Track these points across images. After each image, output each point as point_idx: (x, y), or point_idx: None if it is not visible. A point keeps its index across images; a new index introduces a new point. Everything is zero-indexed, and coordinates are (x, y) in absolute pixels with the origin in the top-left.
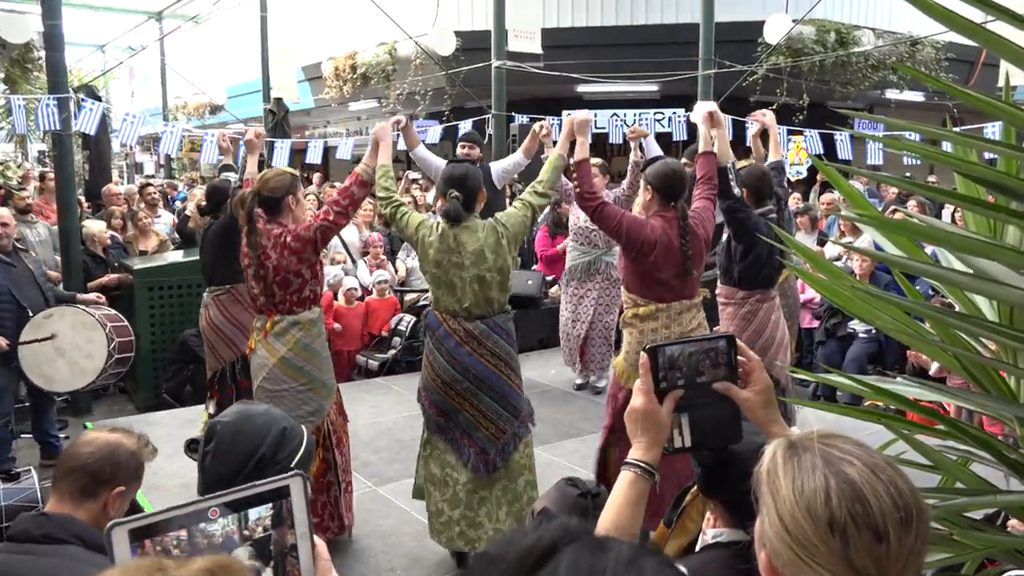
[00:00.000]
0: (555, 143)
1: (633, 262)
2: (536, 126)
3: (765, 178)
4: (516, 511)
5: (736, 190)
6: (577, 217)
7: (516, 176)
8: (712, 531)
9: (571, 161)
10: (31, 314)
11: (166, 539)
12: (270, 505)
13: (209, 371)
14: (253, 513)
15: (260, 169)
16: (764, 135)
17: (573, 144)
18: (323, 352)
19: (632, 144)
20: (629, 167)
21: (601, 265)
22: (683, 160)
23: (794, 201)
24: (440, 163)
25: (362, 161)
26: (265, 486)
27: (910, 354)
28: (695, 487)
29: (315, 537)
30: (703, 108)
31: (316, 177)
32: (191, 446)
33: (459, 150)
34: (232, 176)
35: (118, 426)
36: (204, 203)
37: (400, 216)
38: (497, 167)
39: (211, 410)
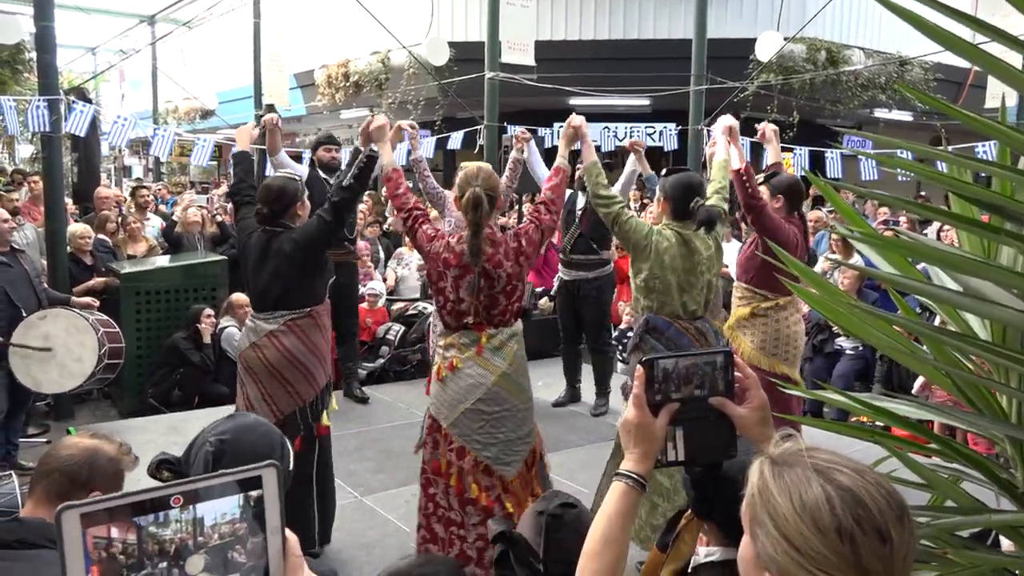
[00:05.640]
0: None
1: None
2: (405, 123)
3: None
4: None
5: None
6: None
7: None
8: (704, 550)
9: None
10: (24, 314)
11: (111, 543)
12: (226, 513)
13: (280, 412)
14: (209, 519)
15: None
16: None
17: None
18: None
19: (516, 147)
20: (508, 166)
21: None
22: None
23: None
24: (299, 168)
25: (559, 154)
26: (235, 475)
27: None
28: (689, 510)
29: (287, 531)
30: (724, 123)
31: None
32: (161, 466)
33: (324, 154)
34: (298, 172)
35: (100, 432)
36: (265, 209)
37: (626, 219)
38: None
39: None
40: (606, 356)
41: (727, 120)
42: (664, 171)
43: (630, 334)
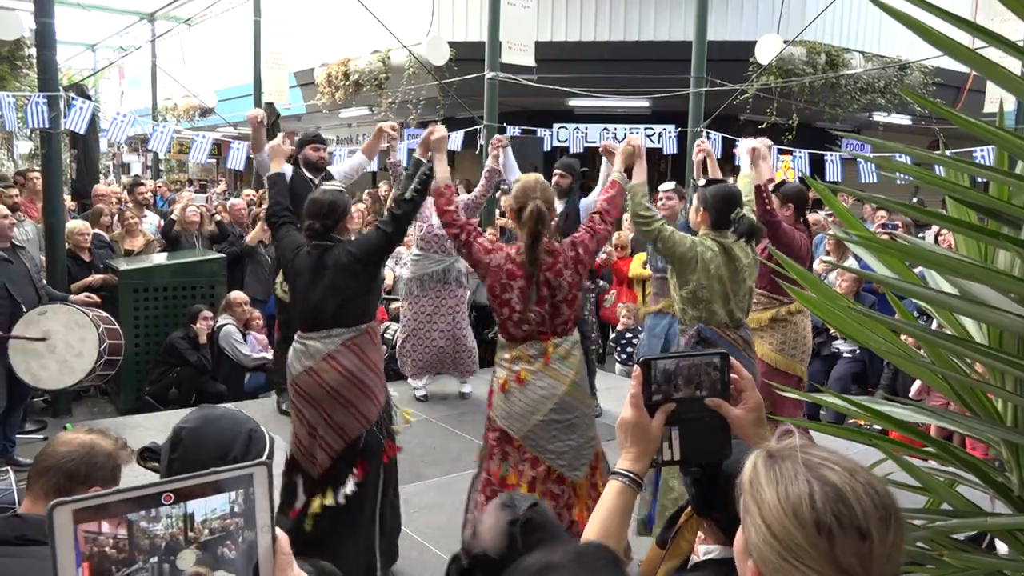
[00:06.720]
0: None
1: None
2: (386, 125)
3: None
4: None
5: None
6: (431, 225)
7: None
8: (704, 548)
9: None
10: (24, 310)
11: (101, 538)
12: (216, 509)
13: (347, 437)
14: (200, 514)
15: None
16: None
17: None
18: None
19: (491, 154)
20: (484, 175)
21: (454, 272)
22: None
23: None
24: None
25: (615, 168)
26: (225, 473)
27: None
28: (689, 507)
29: (277, 530)
30: (748, 144)
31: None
32: (144, 455)
33: (312, 153)
34: (339, 181)
35: (96, 428)
36: (317, 224)
37: (668, 235)
38: (338, 171)
39: (340, 499)
40: (588, 357)
41: (751, 142)
42: (703, 182)
43: (628, 335)
